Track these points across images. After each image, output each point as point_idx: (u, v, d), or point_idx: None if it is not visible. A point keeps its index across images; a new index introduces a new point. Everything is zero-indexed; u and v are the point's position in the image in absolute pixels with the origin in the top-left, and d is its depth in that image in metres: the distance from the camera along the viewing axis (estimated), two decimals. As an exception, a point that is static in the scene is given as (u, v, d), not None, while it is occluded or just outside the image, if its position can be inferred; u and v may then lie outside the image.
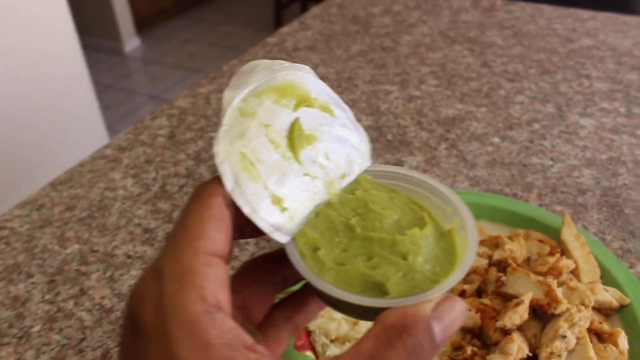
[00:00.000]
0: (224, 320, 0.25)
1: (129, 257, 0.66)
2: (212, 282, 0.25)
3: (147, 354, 0.25)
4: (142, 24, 4.10)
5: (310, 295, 0.34)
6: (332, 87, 0.36)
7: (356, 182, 0.34)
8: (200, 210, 0.27)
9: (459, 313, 0.27)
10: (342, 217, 0.31)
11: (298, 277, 0.30)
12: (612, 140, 0.82)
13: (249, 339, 0.25)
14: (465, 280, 0.55)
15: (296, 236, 0.30)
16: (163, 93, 3.42)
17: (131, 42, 3.98)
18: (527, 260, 0.58)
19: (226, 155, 0.29)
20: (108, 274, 0.65)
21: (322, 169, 0.32)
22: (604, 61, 1.04)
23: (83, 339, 0.58)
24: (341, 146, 0.34)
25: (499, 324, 0.49)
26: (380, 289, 0.28)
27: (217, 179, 0.29)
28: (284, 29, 1.20)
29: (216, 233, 0.27)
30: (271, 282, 0.33)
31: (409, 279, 0.29)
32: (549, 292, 0.50)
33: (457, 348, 0.50)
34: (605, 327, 0.51)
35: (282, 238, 0.30)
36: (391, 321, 0.26)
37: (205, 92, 0.98)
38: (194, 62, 3.83)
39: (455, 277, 0.28)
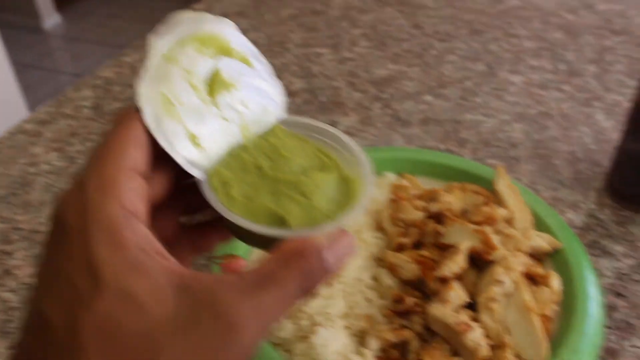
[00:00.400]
0: (140, 227, 0.27)
1: (57, 230, 0.63)
2: (131, 193, 0.28)
3: (68, 253, 0.26)
4: (62, 1, 3.92)
5: (214, 227, 0.36)
6: (262, 52, 0.37)
7: (271, 131, 0.36)
8: (122, 132, 0.29)
9: (348, 246, 0.30)
10: (254, 159, 0.34)
11: (205, 208, 0.32)
12: (540, 95, 0.84)
13: (161, 248, 0.27)
14: (404, 233, 0.55)
15: (210, 174, 0.33)
16: (87, 71, 3.30)
17: (51, 19, 3.79)
18: (464, 211, 0.59)
19: (147, 95, 0.31)
20: (34, 251, 0.62)
21: (238, 115, 0.35)
22: (531, 21, 1.06)
23: (9, 321, 0.55)
24: (258, 96, 0.36)
25: (437, 273, 0.49)
26: (282, 222, 0.32)
27: (138, 112, 0.30)
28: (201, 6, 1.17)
29: (136, 152, 0.29)
30: (180, 207, 0.35)
31: (309, 215, 0.32)
32: (485, 240, 0.51)
33: (398, 300, 0.50)
34: (539, 270, 0.52)
35: (196, 173, 0.32)
36: (290, 248, 0.29)
37: (130, 61, 0.95)
38: (119, 37, 3.69)
39: (349, 216, 0.32)
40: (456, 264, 0.50)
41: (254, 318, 0.26)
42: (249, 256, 0.55)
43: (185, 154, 0.31)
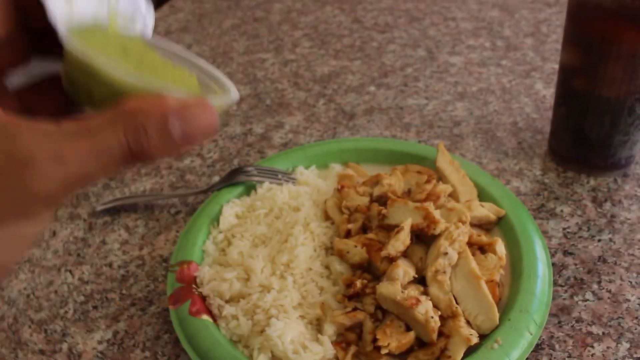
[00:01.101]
0: None
1: None
2: None
3: None
4: None
5: (45, 91, 0.33)
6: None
7: (135, 38, 0.34)
8: None
9: (207, 122, 0.27)
10: (120, 40, 0.32)
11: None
12: (480, 73, 0.86)
13: None
14: (349, 219, 0.56)
15: (73, 29, 0.30)
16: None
17: None
18: (408, 192, 0.60)
19: None
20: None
21: (110, 2, 0.33)
22: (467, 2, 1.08)
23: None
24: (132, 5, 0.34)
25: (383, 253, 0.50)
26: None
27: None
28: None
29: None
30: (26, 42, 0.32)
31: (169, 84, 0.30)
32: (427, 215, 0.52)
33: (349, 284, 0.51)
34: (484, 238, 0.53)
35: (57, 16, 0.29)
36: (128, 104, 0.26)
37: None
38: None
39: (213, 98, 0.29)
40: (400, 241, 0.50)
41: (52, 160, 0.24)
42: (202, 261, 0.56)
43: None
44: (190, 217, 0.63)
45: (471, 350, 0.46)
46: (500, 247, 0.53)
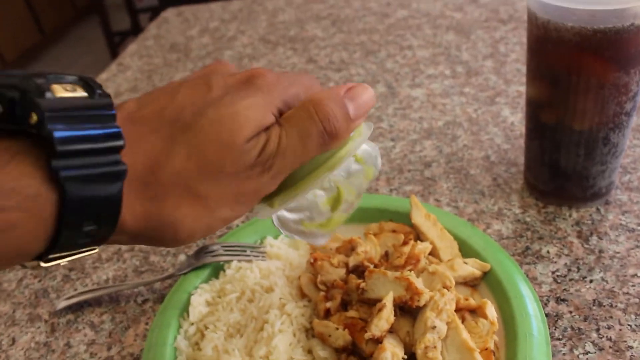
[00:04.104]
0: None
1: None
2: None
3: None
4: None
5: None
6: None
7: None
8: None
9: (369, 96, 0.38)
10: None
11: None
12: (444, 104, 0.83)
13: None
14: (327, 296, 0.52)
15: None
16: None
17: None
18: (385, 255, 0.56)
19: None
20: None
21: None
22: (421, 28, 1.05)
23: None
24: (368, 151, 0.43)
25: (367, 335, 0.46)
26: None
27: None
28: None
29: None
30: None
31: None
32: (409, 286, 0.48)
33: (335, 372, 0.47)
34: (472, 302, 0.50)
35: None
36: (312, 98, 0.36)
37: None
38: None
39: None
40: (384, 320, 0.47)
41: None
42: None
43: None
44: (158, 306, 0.59)
45: None
46: (491, 311, 0.49)
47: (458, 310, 0.49)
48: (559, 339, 0.51)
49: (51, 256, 0.29)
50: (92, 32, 4.67)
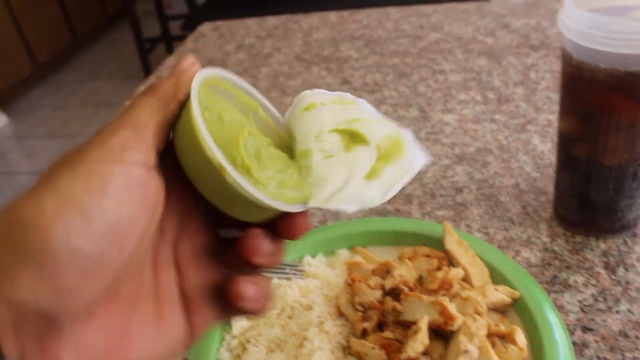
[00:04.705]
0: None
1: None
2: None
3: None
4: (4, 100, 3.89)
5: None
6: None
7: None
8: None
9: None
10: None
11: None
12: (475, 130, 0.85)
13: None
14: (365, 317, 0.55)
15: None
16: (45, 167, 3.26)
17: (-3, 122, 3.77)
18: (419, 279, 0.59)
19: None
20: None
21: None
22: (453, 52, 1.08)
23: None
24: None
25: (403, 356, 0.49)
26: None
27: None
28: (141, 88, 1.17)
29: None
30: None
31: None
32: (443, 311, 0.51)
33: (371, 390, 0.50)
34: (502, 328, 0.53)
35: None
36: None
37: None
38: (69, 127, 3.67)
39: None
40: (419, 342, 0.49)
41: None
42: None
43: None
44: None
45: None
46: (520, 337, 0.52)
47: (489, 335, 0.52)
48: (585, 367, 0.53)
49: None
50: (122, 36, 4.76)
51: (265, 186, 0.33)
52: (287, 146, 0.38)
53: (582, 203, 0.64)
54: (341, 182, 0.36)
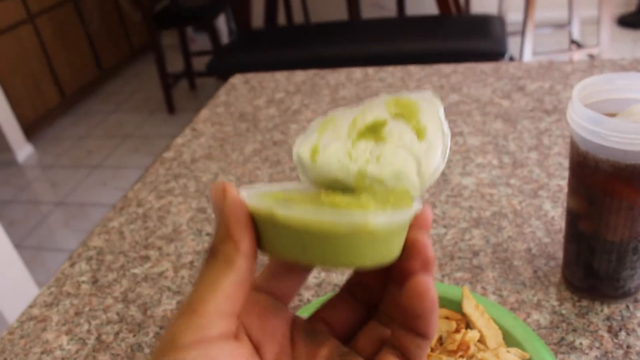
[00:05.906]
0: None
1: (81, 422, 0.69)
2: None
3: None
4: (31, 129, 4.03)
5: None
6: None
7: None
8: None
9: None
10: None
11: None
12: (491, 195, 0.93)
13: None
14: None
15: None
16: (68, 197, 3.37)
17: (23, 151, 3.89)
18: (439, 339, 0.66)
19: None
20: None
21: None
22: (471, 114, 1.16)
23: None
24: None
25: (426, 413, 0.56)
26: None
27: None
28: (178, 140, 1.26)
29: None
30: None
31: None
32: (462, 372, 0.58)
33: None
34: (514, 389, 0.59)
35: None
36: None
37: (117, 226, 1.02)
38: (93, 158, 3.79)
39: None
40: (440, 400, 0.56)
41: None
42: None
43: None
44: None
45: None
46: (530, 398, 0.58)
47: (502, 395, 0.58)
48: None
49: None
50: (146, 69, 4.91)
51: (385, 212, 0.33)
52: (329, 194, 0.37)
53: (587, 272, 0.70)
54: (411, 160, 0.36)
